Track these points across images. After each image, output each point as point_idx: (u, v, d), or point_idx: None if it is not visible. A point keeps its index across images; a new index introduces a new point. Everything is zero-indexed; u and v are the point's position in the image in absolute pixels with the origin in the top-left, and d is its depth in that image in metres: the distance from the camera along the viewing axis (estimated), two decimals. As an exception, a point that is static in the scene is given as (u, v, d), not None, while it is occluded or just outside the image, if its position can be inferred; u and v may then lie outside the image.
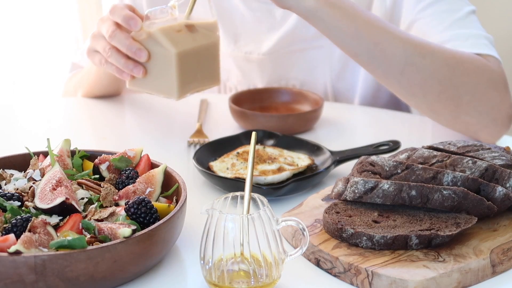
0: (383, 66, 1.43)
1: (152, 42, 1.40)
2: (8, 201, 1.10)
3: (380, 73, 1.45)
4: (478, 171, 1.16)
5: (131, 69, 1.42)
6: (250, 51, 1.77)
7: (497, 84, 1.46)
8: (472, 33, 1.53)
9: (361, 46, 1.41)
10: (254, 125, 1.55)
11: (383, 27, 1.42)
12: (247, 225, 0.99)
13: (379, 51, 1.41)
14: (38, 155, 1.25)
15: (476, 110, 1.44)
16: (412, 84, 1.43)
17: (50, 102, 1.95)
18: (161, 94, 1.45)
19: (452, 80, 1.43)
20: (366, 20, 1.41)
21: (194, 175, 1.38)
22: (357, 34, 1.40)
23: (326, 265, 1.09)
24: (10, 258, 0.97)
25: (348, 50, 1.44)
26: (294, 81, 1.79)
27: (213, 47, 1.44)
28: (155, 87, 1.44)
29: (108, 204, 1.14)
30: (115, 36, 1.41)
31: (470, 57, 1.46)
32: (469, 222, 1.11)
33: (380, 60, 1.42)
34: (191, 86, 1.43)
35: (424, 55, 1.42)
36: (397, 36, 1.42)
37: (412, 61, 1.41)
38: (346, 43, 1.42)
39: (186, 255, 1.14)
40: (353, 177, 1.17)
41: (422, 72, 1.42)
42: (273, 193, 1.28)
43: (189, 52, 1.40)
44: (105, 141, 1.57)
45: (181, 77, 1.40)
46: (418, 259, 1.06)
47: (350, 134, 1.61)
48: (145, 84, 1.44)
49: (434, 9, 1.56)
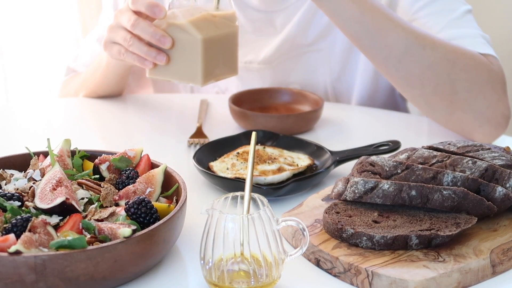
0: (383, 53, 1.44)
1: (176, 29, 1.40)
2: (8, 201, 1.10)
3: (379, 60, 1.45)
4: (478, 171, 1.16)
5: (154, 56, 1.41)
6: (250, 60, 1.77)
7: (495, 83, 1.46)
8: (468, 32, 1.53)
9: (363, 30, 1.43)
10: (254, 125, 1.56)
11: (388, 14, 1.44)
12: (247, 225, 1.00)
13: (381, 37, 1.42)
14: (38, 155, 1.25)
15: (471, 107, 1.44)
16: (410, 74, 1.44)
17: (50, 102, 1.95)
18: (184, 81, 1.45)
19: (450, 74, 1.43)
20: (371, 6, 1.43)
21: (194, 175, 1.38)
22: (361, 18, 1.42)
23: (326, 265, 1.09)
24: (10, 258, 0.97)
25: (351, 34, 1.45)
26: (294, 85, 1.79)
27: (233, 36, 1.45)
28: (179, 74, 1.45)
29: (108, 204, 1.14)
30: (138, 24, 1.41)
31: (471, 54, 1.46)
32: (469, 222, 1.11)
33: (381, 46, 1.43)
34: (214, 73, 1.44)
35: (424, 46, 1.43)
36: (400, 25, 1.43)
37: (412, 51, 1.42)
38: (349, 26, 1.44)
39: (186, 255, 1.14)
40: (353, 177, 1.17)
41: (420, 62, 1.42)
42: (273, 193, 1.28)
43: (213, 39, 1.41)
44: (105, 141, 1.57)
45: (206, 63, 1.41)
46: (418, 259, 1.06)
47: (350, 134, 1.61)
48: (167, 71, 1.45)
49: (430, 9, 1.57)
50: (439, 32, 1.53)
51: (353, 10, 1.41)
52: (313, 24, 1.72)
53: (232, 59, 1.46)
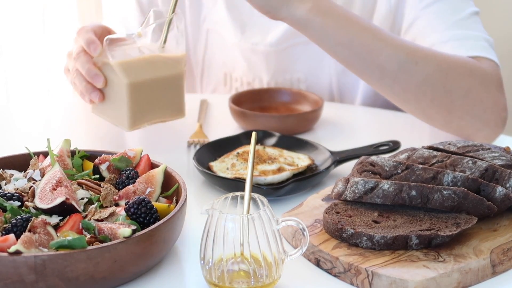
0: (377, 74, 1.43)
1: (109, 68, 1.38)
2: (8, 201, 1.10)
3: (373, 81, 1.45)
4: (478, 171, 1.16)
5: (90, 93, 1.41)
6: (256, 42, 1.77)
7: (489, 86, 1.45)
8: (472, 34, 1.53)
9: (353, 54, 1.41)
10: (254, 125, 1.55)
11: (376, 33, 1.42)
12: (247, 225, 0.99)
13: (372, 59, 1.41)
14: (38, 155, 1.25)
15: (468, 114, 1.44)
16: (405, 90, 1.43)
17: (50, 102, 1.95)
18: (115, 123, 1.43)
19: (445, 84, 1.42)
20: (358, 28, 1.41)
21: (194, 175, 1.38)
22: (350, 44, 1.40)
23: (326, 265, 1.09)
24: (10, 258, 0.97)
25: (341, 59, 1.44)
26: (299, 74, 1.78)
27: (176, 79, 1.41)
28: (111, 115, 1.43)
29: (108, 204, 1.14)
30: (78, 58, 1.41)
31: (462, 60, 1.46)
32: (469, 222, 1.11)
33: (373, 67, 1.42)
34: (146, 118, 1.41)
35: (416, 61, 1.41)
36: (390, 43, 1.41)
37: (405, 68, 1.41)
38: (339, 52, 1.42)
39: (186, 255, 1.14)
40: (353, 177, 1.17)
41: (415, 78, 1.42)
42: (273, 193, 1.28)
43: (144, 83, 1.38)
44: (105, 141, 1.57)
45: (134, 108, 1.38)
46: (418, 259, 1.06)
47: (350, 134, 1.61)
48: (103, 110, 1.43)
49: (437, 8, 1.56)
50: (443, 32, 1.53)
51: (340, 36, 1.40)
52: None
53: (176, 102, 1.42)
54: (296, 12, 1.38)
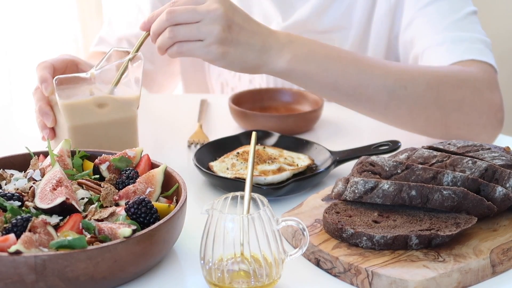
0: (368, 107, 1.43)
1: (58, 108, 1.36)
2: (8, 201, 1.10)
3: (366, 112, 1.46)
4: (478, 171, 1.16)
5: (41, 130, 1.40)
6: None
7: (481, 91, 1.45)
8: (467, 36, 1.52)
9: (341, 94, 1.41)
10: (254, 125, 1.55)
11: (360, 67, 1.40)
12: (247, 225, 1.00)
13: (360, 94, 1.41)
14: (38, 155, 1.25)
15: (465, 123, 1.44)
16: (398, 116, 1.43)
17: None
18: None
19: (437, 101, 1.42)
20: (341, 66, 1.40)
21: (194, 175, 1.38)
22: (335, 84, 1.40)
23: (326, 265, 1.09)
24: (10, 258, 0.97)
25: (330, 99, 1.45)
26: None
27: (127, 122, 1.38)
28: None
29: (108, 204, 1.14)
30: (35, 94, 1.40)
31: (451, 72, 1.45)
32: (469, 222, 1.11)
33: (363, 102, 1.42)
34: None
35: (405, 86, 1.40)
36: (376, 74, 1.40)
37: (395, 95, 1.41)
38: (326, 93, 1.42)
39: (186, 255, 1.14)
40: (353, 177, 1.17)
41: (406, 103, 1.41)
42: (273, 193, 1.28)
43: (89, 126, 1.35)
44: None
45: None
46: (418, 259, 1.06)
47: (350, 134, 1.61)
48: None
49: (434, 8, 1.56)
50: (439, 34, 1.53)
51: (324, 79, 1.39)
52: (329, 11, 1.70)
53: (129, 144, 1.37)
54: (276, 66, 1.37)
